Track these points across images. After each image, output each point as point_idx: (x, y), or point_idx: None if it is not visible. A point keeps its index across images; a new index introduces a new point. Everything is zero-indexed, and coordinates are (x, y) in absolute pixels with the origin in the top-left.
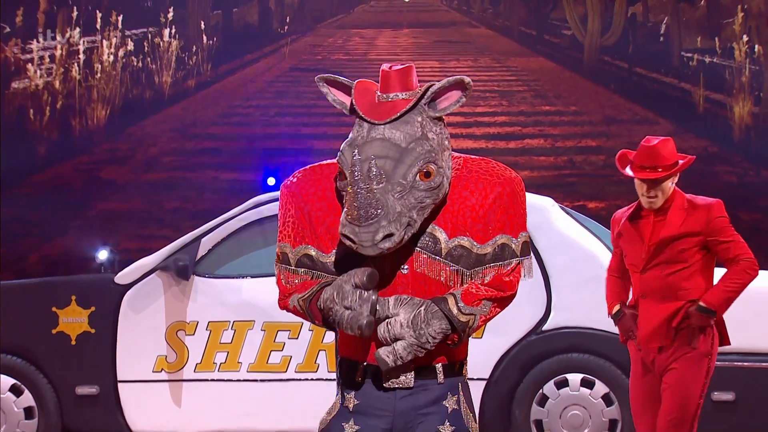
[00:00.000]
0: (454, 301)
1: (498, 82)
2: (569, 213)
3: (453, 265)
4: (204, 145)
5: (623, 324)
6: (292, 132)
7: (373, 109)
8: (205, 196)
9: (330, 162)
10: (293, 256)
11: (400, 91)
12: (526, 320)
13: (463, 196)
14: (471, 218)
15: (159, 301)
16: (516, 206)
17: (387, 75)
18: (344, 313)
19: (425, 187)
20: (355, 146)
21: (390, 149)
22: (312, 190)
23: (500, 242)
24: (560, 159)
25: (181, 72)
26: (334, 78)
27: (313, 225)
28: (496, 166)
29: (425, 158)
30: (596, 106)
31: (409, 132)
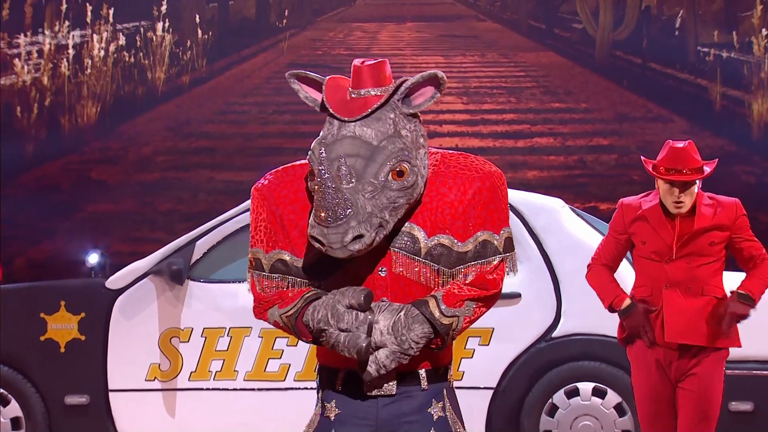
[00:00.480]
0: (435, 303)
1: (506, 78)
2: (580, 215)
3: (433, 265)
4: (199, 143)
5: (634, 319)
6: (291, 130)
7: (344, 105)
8: (200, 197)
9: (303, 162)
10: (267, 262)
11: (373, 86)
12: (535, 327)
13: (441, 192)
14: (450, 215)
15: (152, 307)
16: (497, 201)
17: (358, 70)
18: (340, 336)
19: (398, 186)
20: (324, 144)
21: (360, 147)
22: (284, 192)
23: (481, 239)
24: (570, 158)
25: (175, 68)
26: (306, 74)
27: (286, 229)
28: (475, 160)
29: (398, 156)
30: (608, 103)
31: (380, 129)
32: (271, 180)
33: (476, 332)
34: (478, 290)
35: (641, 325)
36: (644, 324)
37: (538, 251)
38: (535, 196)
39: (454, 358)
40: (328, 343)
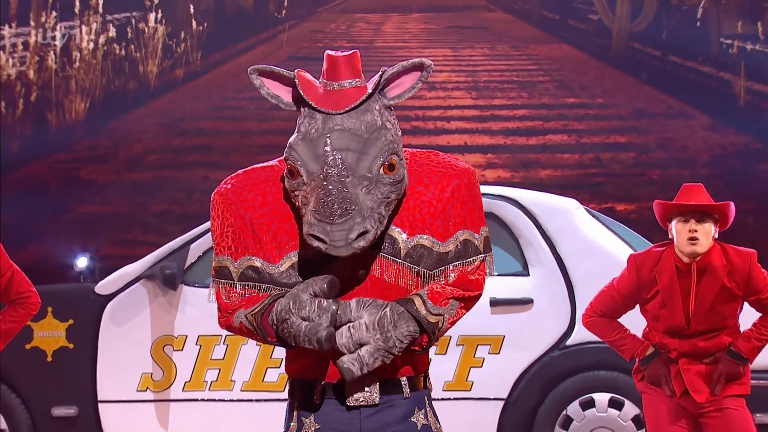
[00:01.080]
0: (421, 301)
1: (517, 72)
2: (596, 216)
3: (413, 267)
4: (193, 141)
5: (658, 368)
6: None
7: (324, 98)
8: (195, 197)
9: (263, 165)
10: (235, 269)
11: (350, 77)
12: (548, 334)
13: (418, 191)
14: (429, 214)
15: (144, 313)
16: (474, 199)
17: (335, 61)
18: (301, 325)
19: (390, 180)
20: (309, 140)
21: (351, 140)
22: (251, 196)
23: (462, 238)
24: (586, 156)
25: (168, 61)
26: (271, 69)
27: (256, 234)
28: (447, 157)
29: (389, 149)
30: (626, 98)
31: (368, 121)
32: (235, 184)
33: (486, 340)
34: (461, 290)
35: (663, 375)
36: (666, 374)
37: (551, 254)
38: (548, 196)
39: (464, 367)
40: (290, 334)
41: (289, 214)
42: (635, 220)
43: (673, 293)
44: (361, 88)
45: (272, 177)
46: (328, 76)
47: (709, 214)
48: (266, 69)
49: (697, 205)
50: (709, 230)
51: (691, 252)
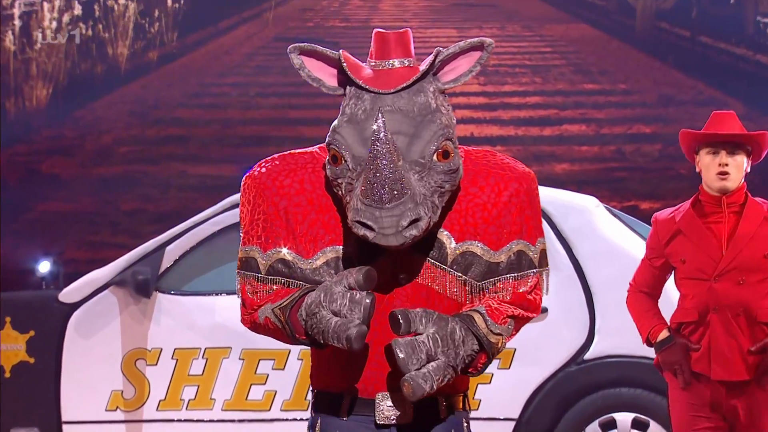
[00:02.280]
0: (482, 318)
1: (530, 55)
2: (617, 215)
3: (460, 276)
4: (169, 131)
5: (670, 355)
6: (278, 116)
7: (372, 78)
8: (171, 194)
9: (302, 151)
10: (264, 262)
11: (402, 56)
12: (564, 347)
13: (471, 193)
14: (482, 219)
15: (113, 324)
16: (533, 207)
17: (384, 38)
18: (331, 320)
19: (444, 168)
20: (357, 122)
21: (402, 122)
22: (287, 182)
23: (516, 249)
24: (606, 149)
25: (141, 42)
26: (313, 48)
27: (290, 224)
28: (506, 158)
29: (443, 134)
30: (651, 83)
31: (422, 103)
32: (270, 168)
33: None
34: (519, 310)
35: (677, 363)
36: (681, 362)
37: (567, 258)
38: (564, 193)
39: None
40: (318, 330)
41: (328, 206)
42: None
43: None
44: (413, 68)
45: (312, 163)
46: (377, 55)
47: (741, 146)
48: (308, 48)
49: (728, 135)
50: (741, 163)
51: (721, 188)
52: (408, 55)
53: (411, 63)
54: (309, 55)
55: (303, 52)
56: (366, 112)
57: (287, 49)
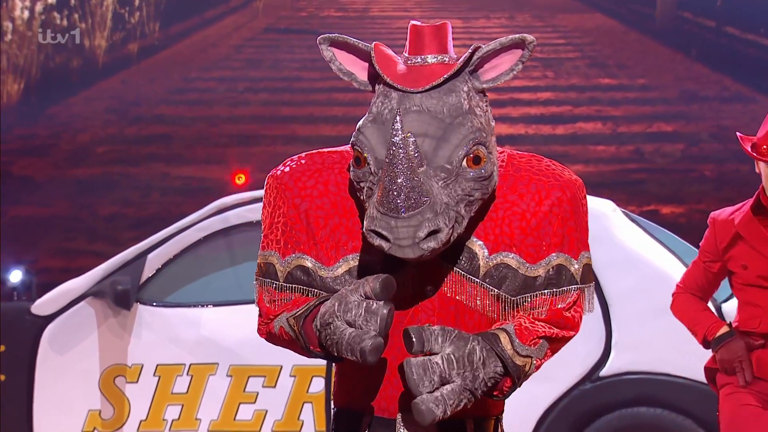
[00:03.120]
0: (507, 338)
1: (541, 48)
2: (635, 221)
3: (493, 290)
4: (150, 130)
5: (730, 350)
6: (268, 114)
7: (402, 75)
8: (152, 197)
9: (331, 150)
10: (282, 268)
11: (436, 52)
12: (579, 362)
13: (510, 200)
14: (519, 229)
15: (91, 338)
16: (577, 218)
17: (419, 31)
18: (345, 331)
19: (474, 175)
20: (380, 122)
21: (430, 124)
22: (310, 183)
23: (555, 263)
24: (624, 149)
25: (120, 33)
26: (345, 40)
27: (311, 228)
28: (551, 164)
29: (474, 138)
30: (672, 78)
31: (453, 103)
32: (294, 167)
33: None
34: (555, 329)
35: (738, 359)
36: (742, 357)
37: None
38: None
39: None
40: (332, 342)
41: (353, 210)
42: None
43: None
44: (448, 65)
45: (339, 164)
46: (411, 50)
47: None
48: (339, 39)
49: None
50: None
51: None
52: (444, 51)
53: (447, 59)
54: (340, 47)
55: (333, 44)
56: (392, 112)
57: (317, 40)
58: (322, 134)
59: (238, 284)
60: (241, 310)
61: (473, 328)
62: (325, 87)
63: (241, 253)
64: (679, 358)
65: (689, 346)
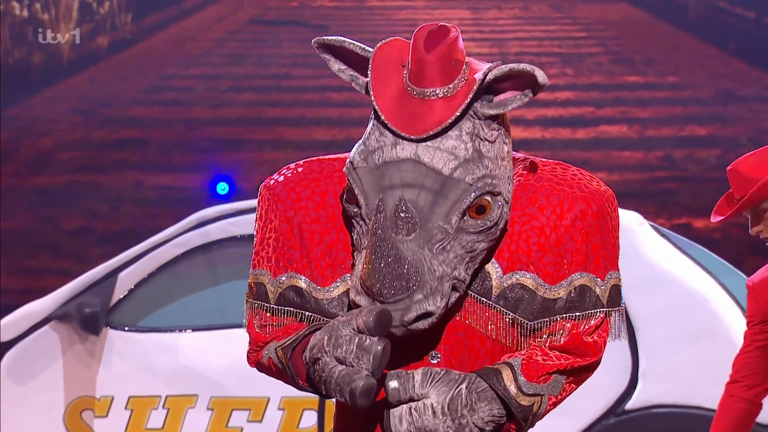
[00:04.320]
0: (511, 374)
1: (559, 42)
2: (665, 235)
3: (507, 313)
4: (122, 134)
5: None
6: (254, 115)
7: (401, 108)
8: (124, 210)
9: (333, 156)
10: (273, 289)
11: (440, 85)
12: (602, 394)
13: (529, 213)
14: (538, 246)
15: (55, 367)
16: (604, 233)
17: (421, 61)
18: (334, 369)
19: (477, 227)
20: (375, 164)
21: (426, 176)
22: (305, 194)
23: (578, 284)
24: (652, 155)
25: (88, 25)
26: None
27: (305, 244)
28: (578, 173)
29: (478, 189)
30: (707, 76)
31: (454, 152)
32: (289, 177)
33: None
34: (571, 358)
35: None
36: None
37: None
38: None
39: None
40: (320, 379)
41: (351, 224)
42: (719, 241)
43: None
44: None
45: (339, 172)
46: (413, 78)
47: None
48: (335, 43)
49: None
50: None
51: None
52: (449, 80)
53: (451, 91)
54: (337, 52)
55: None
56: (385, 155)
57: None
58: (314, 138)
59: (220, 306)
60: (224, 336)
61: (484, 356)
62: (318, 86)
63: (223, 272)
64: (714, 389)
65: (725, 377)
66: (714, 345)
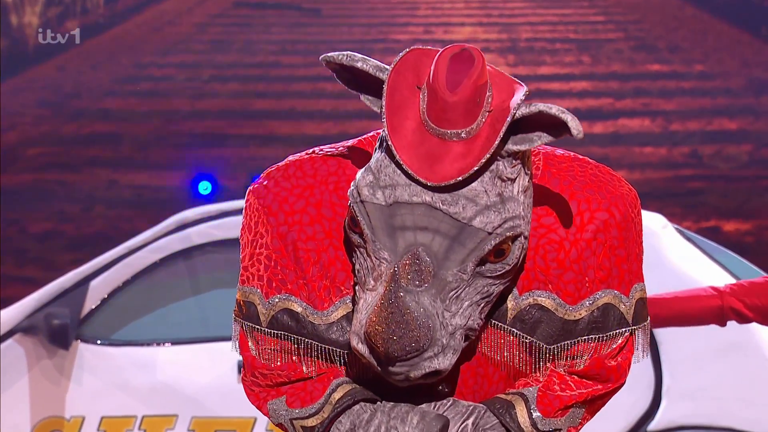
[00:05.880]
0: (525, 409)
1: (576, 26)
2: (691, 239)
3: (525, 337)
4: (94, 128)
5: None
6: (240, 108)
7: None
8: (96, 211)
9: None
10: (265, 311)
11: (462, 126)
12: (623, 414)
13: (545, 224)
14: (556, 262)
15: (20, 384)
16: (629, 243)
17: (442, 103)
18: None
19: (495, 272)
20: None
21: (442, 222)
22: (299, 206)
23: (602, 303)
24: (677, 151)
25: (56, 8)
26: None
27: (300, 264)
28: (598, 172)
29: (498, 236)
30: (738, 63)
31: (474, 198)
32: (279, 181)
33: None
34: (591, 385)
35: None
36: None
37: None
38: None
39: None
40: None
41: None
42: (752, 246)
43: None
44: (473, 142)
45: (336, 174)
46: (431, 114)
47: None
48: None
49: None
50: None
51: None
52: (470, 121)
53: (472, 132)
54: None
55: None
56: (396, 197)
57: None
58: (305, 133)
59: (202, 318)
60: (206, 350)
61: (498, 381)
62: (310, 75)
63: (205, 280)
64: (745, 409)
65: (757, 395)
66: (744, 360)
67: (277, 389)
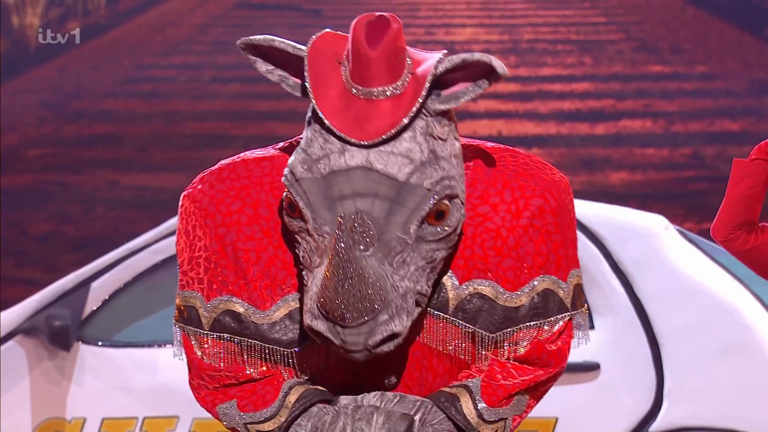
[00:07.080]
0: (470, 400)
1: (576, 27)
2: (693, 241)
3: (467, 327)
4: (95, 129)
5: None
6: (240, 109)
7: (345, 110)
8: (97, 213)
9: (259, 155)
10: (207, 314)
11: (387, 83)
12: (624, 416)
13: (482, 213)
14: (494, 250)
15: (21, 386)
16: (564, 230)
17: (365, 59)
18: None
19: (437, 235)
20: (321, 174)
21: (380, 184)
22: (236, 207)
23: (541, 288)
24: (679, 152)
25: (57, 9)
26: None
27: (241, 265)
28: (529, 161)
29: (436, 194)
30: (739, 64)
31: (409, 155)
32: (214, 184)
33: (532, 424)
34: (532, 371)
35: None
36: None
37: (627, 299)
38: (622, 212)
39: None
40: None
41: (290, 237)
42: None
43: None
44: (401, 98)
45: (271, 175)
46: (354, 75)
47: None
48: (263, 43)
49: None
50: None
51: None
52: (396, 77)
53: (399, 88)
54: (264, 52)
55: (255, 48)
56: (330, 166)
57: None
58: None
59: None
60: None
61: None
62: None
63: None
64: (749, 411)
65: (759, 397)
66: (747, 362)
67: (224, 391)
